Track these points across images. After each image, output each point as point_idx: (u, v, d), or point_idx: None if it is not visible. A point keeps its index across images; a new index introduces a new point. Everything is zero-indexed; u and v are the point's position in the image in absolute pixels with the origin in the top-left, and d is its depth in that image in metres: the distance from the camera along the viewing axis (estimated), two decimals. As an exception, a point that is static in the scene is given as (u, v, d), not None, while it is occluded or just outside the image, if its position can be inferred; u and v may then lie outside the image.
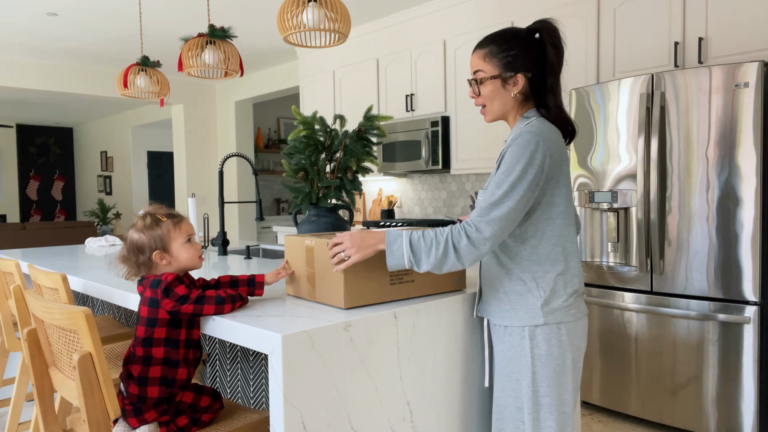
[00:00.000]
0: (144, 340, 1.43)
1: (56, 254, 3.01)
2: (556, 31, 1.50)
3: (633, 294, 2.98)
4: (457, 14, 4.25)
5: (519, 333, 1.49)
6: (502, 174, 1.42)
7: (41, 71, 6.24)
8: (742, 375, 2.63)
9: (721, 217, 2.66)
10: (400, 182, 5.20)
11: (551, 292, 1.48)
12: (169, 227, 1.49)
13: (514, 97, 1.52)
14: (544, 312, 1.47)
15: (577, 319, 1.52)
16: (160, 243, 1.47)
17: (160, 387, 1.43)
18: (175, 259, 1.49)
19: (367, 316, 1.42)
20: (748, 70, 2.56)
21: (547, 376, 1.49)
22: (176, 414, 1.48)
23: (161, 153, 10.38)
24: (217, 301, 1.44)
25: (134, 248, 1.48)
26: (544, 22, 1.50)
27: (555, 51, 1.48)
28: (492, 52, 1.51)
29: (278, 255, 3.26)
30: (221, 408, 1.58)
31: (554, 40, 1.49)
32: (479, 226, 1.40)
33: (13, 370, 3.42)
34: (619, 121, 2.98)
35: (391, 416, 1.48)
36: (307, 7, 2.36)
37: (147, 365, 1.43)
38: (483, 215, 1.41)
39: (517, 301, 1.50)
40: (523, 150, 1.41)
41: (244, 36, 5.30)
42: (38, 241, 7.21)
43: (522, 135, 1.44)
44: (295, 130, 2.17)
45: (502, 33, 1.53)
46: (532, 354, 1.48)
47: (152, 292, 1.43)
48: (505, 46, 1.50)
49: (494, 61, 1.51)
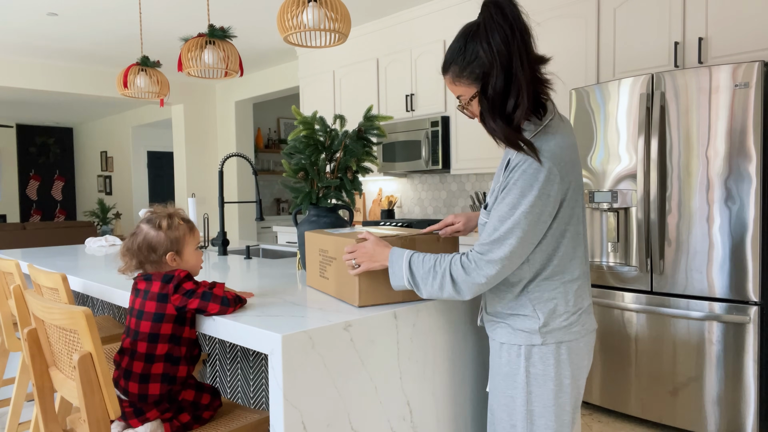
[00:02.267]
0: (150, 335, 1.43)
1: (56, 254, 3.01)
2: (495, 10, 1.30)
3: (633, 294, 2.98)
4: (457, 14, 4.25)
5: (515, 351, 1.42)
6: (507, 206, 1.31)
7: (41, 71, 6.24)
8: (742, 375, 2.63)
9: (722, 217, 2.66)
10: (400, 182, 5.20)
11: (549, 313, 1.39)
12: (185, 232, 1.53)
13: None
14: (542, 333, 1.39)
15: (581, 337, 1.43)
16: (175, 245, 1.51)
17: (162, 384, 1.43)
18: (185, 263, 1.53)
19: (367, 316, 1.42)
20: (748, 70, 2.56)
21: (543, 396, 1.41)
22: (178, 411, 1.48)
23: (161, 153, 10.38)
24: (222, 302, 1.45)
25: (148, 245, 1.50)
26: (484, 5, 1.33)
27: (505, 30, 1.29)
28: (455, 73, 1.38)
29: (278, 255, 3.26)
30: (220, 405, 1.59)
31: (498, 19, 1.30)
32: (479, 263, 1.33)
33: (13, 370, 3.42)
34: (619, 121, 2.98)
35: (391, 416, 1.48)
36: (307, 7, 2.36)
37: (150, 362, 1.43)
38: (484, 253, 1.33)
39: (514, 321, 1.43)
40: (530, 181, 1.29)
41: (244, 36, 5.30)
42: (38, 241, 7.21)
43: (528, 161, 1.31)
44: (295, 130, 2.17)
45: (453, 46, 1.38)
46: (527, 373, 1.41)
47: (162, 287, 1.44)
48: (462, 60, 1.36)
49: (464, 81, 1.37)
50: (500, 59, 1.30)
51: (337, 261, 1.62)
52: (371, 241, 1.49)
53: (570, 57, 3.59)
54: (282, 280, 1.98)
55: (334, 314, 1.43)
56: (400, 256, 1.43)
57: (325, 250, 1.70)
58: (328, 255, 1.67)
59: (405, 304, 1.53)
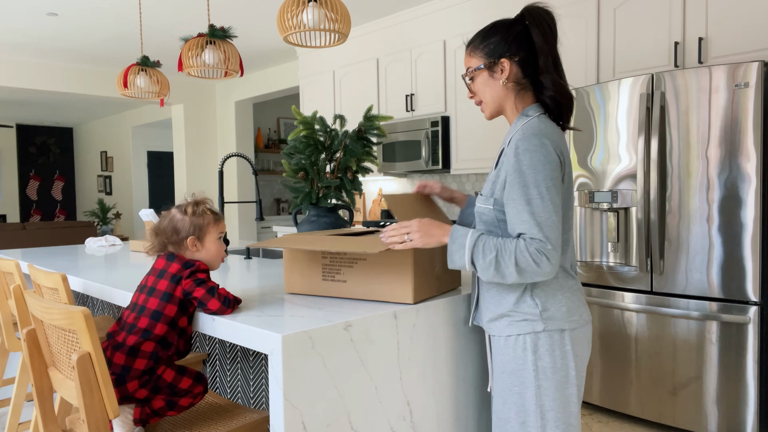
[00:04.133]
0: (154, 312, 1.46)
1: (56, 254, 3.01)
2: (540, 12, 1.45)
3: (633, 294, 2.98)
4: (457, 14, 4.25)
5: (521, 345, 1.43)
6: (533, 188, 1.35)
7: (41, 71, 6.24)
8: (742, 375, 2.63)
9: (722, 217, 2.66)
10: (400, 182, 5.20)
11: (549, 298, 1.43)
12: (210, 221, 1.60)
13: (504, 85, 1.48)
14: (544, 319, 1.41)
15: (580, 326, 1.46)
16: (198, 231, 1.57)
17: (148, 360, 1.45)
18: (206, 250, 1.58)
19: (367, 316, 1.41)
20: (748, 70, 2.56)
21: (552, 389, 1.42)
22: (154, 391, 1.47)
23: (161, 153, 10.38)
24: (224, 302, 1.47)
25: (173, 227, 1.56)
26: (527, 7, 1.47)
27: (540, 30, 1.44)
28: (475, 46, 1.52)
29: (278, 255, 3.26)
30: (204, 392, 1.56)
31: (538, 19, 1.45)
32: (549, 255, 1.33)
33: (13, 370, 3.42)
34: (619, 121, 2.98)
35: (391, 416, 1.48)
36: (307, 7, 2.36)
37: (145, 338, 1.45)
38: (545, 241, 1.34)
39: (516, 313, 1.44)
40: (535, 154, 1.36)
41: (244, 36, 5.30)
42: (38, 241, 7.21)
43: (526, 138, 1.38)
44: (295, 130, 2.17)
45: (485, 27, 1.53)
46: (534, 366, 1.42)
47: (179, 270, 1.49)
48: (485, 37, 1.50)
49: (478, 54, 1.51)
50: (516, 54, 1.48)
51: (364, 262, 1.57)
52: (420, 220, 1.47)
53: (570, 57, 3.59)
54: (282, 280, 1.98)
55: (334, 314, 1.43)
56: (464, 234, 1.40)
57: (341, 253, 1.62)
58: (347, 256, 1.62)
59: (405, 305, 1.53)
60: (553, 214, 1.34)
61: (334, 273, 1.65)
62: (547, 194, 1.35)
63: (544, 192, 1.34)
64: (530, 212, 1.34)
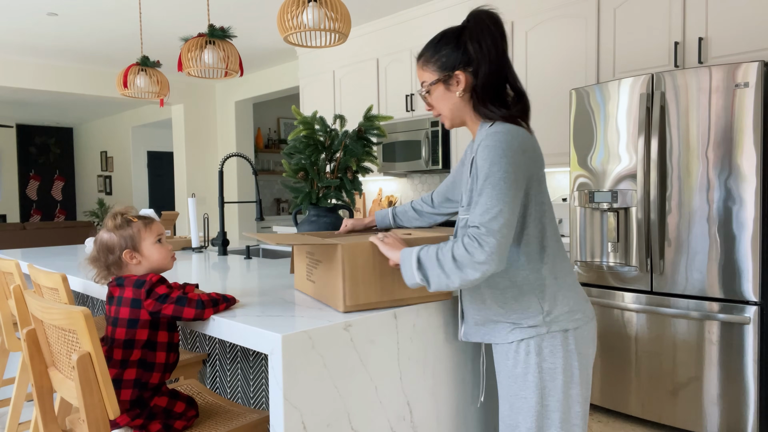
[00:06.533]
0: (125, 342, 1.42)
1: (56, 254, 3.01)
2: (482, 17, 1.41)
3: (633, 294, 2.98)
4: (457, 14, 4.25)
5: (524, 348, 1.41)
6: (483, 181, 1.32)
7: (41, 71, 6.24)
8: (742, 375, 2.63)
9: (721, 217, 2.66)
10: (400, 182, 5.20)
11: (551, 300, 1.41)
12: (139, 227, 1.51)
13: (461, 96, 1.45)
14: (547, 322, 1.40)
15: (584, 324, 1.44)
16: (130, 242, 1.49)
17: (133, 390, 1.42)
18: (146, 259, 1.51)
19: (367, 316, 1.41)
20: (748, 70, 2.56)
21: (555, 390, 1.41)
22: (149, 418, 1.45)
23: (161, 153, 10.38)
24: (198, 305, 1.42)
25: (104, 248, 1.50)
26: (473, 13, 1.43)
27: (487, 39, 1.39)
28: (427, 59, 1.47)
29: (278, 255, 3.26)
30: (196, 416, 1.54)
31: (482, 27, 1.40)
32: (480, 239, 1.28)
33: (13, 370, 3.42)
34: (619, 121, 2.98)
35: (391, 416, 1.48)
36: (307, 7, 2.36)
37: (123, 368, 1.42)
38: (482, 226, 1.29)
39: (518, 318, 1.42)
40: (494, 150, 1.32)
41: (244, 36, 5.30)
42: (38, 241, 7.21)
43: (488, 137, 1.36)
44: (295, 130, 2.17)
45: (434, 38, 1.48)
46: (539, 369, 1.40)
47: (135, 292, 1.43)
48: (435, 50, 1.46)
49: (431, 67, 1.46)
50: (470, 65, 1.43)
51: (321, 263, 1.55)
52: (396, 234, 1.49)
53: (570, 57, 3.59)
54: (282, 280, 1.98)
55: (334, 314, 1.43)
56: (410, 252, 1.39)
57: (312, 253, 1.63)
58: (314, 257, 1.61)
59: (405, 305, 1.53)
60: (499, 203, 1.29)
61: (311, 272, 1.65)
62: (500, 184, 1.30)
63: (495, 182, 1.30)
64: (480, 203, 1.32)
